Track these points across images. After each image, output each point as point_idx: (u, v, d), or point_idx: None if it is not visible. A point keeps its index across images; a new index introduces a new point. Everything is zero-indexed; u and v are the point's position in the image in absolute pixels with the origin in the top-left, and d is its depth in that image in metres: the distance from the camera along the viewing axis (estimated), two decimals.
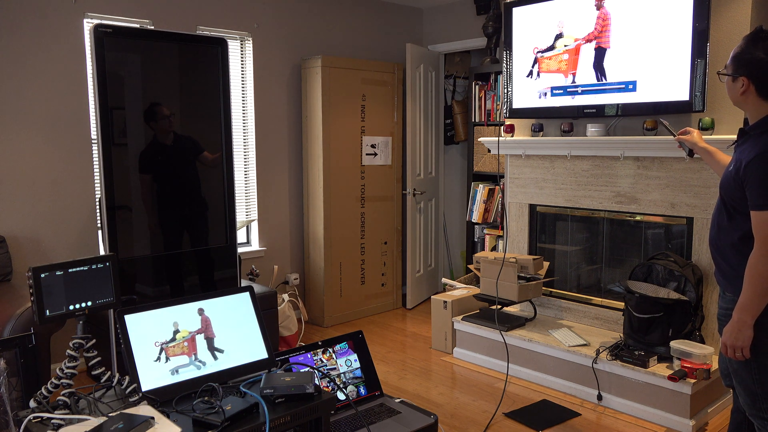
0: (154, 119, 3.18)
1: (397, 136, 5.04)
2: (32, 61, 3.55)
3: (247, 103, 4.54)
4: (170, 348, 1.93)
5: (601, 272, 3.88)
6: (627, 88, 3.39)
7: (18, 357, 2.16)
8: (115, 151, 3.07)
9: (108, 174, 3.05)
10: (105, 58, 2.98)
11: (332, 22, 4.95)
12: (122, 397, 1.83)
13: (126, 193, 3.13)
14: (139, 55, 3.11)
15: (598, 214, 3.80)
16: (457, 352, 4.05)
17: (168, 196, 3.28)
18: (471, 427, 3.10)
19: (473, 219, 4.85)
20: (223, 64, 3.39)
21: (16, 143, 3.53)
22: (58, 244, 3.71)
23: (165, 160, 3.26)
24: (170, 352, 1.93)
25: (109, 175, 3.05)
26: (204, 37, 3.45)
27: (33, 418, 1.70)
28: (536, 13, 3.73)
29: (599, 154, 3.63)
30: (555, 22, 3.65)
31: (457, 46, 5.35)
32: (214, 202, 3.45)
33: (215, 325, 2.04)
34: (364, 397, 2.75)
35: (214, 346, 2.01)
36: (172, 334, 1.95)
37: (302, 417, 1.85)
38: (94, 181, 3.81)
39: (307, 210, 4.79)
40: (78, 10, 3.68)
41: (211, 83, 3.37)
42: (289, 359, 2.54)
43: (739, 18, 3.09)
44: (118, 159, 3.09)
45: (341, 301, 4.84)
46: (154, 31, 3.27)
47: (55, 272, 1.74)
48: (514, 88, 3.90)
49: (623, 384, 3.22)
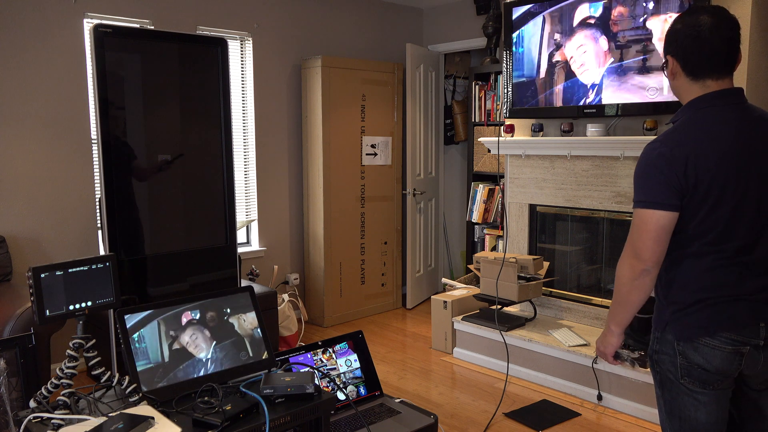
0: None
1: (397, 136, 5.04)
2: (32, 61, 3.55)
3: (247, 103, 4.54)
4: (170, 348, 1.93)
5: (601, 272, 3.88)
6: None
7: (18, 357, 2.16)
8: (115, 151, 3.07)
9: (108, 174, 3.05)
10: (105, 58, 2.98)
11: (332, 22, 4.95)
12: (122, 397, 1.83)
13: (126, 193, 3.13)
14: (139, 55, 3.11)
15: (598, 214, 3.80)
16: (457, 352, 4.05)
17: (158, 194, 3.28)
18: (471, 427, 3.10)
19: (473, 219, 4.85)
20: (223, 64, 3.39)
21: (17, 143, 3.53)
22: (58, 244, 3.71)
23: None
24: (170, 352, 1.93)
25: (109, 175, 3.05)
26: (204, 37, 3.44)
27: (33, 418, 1.70)
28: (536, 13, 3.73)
29: (599, 154, 3.63)
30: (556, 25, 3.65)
31: (457, 46, 5.35)
32: (214, 202, 3.45)
33: (215, 325, 2.04)
34: (364, 397, 2.75)
35: (214, 346, 2.01)
36: (172, 334, 1.95)
37: (302, 417, 1.85)
38: (94, 181, 3.81)
39: (307, 210, 4.79)
40: (78, 10, 3.68)
41: (211, 83, 3.37)
42: (289, 359, 2.54)
43: (738, 18, 3.08)
44: (119, 159, 3.08)
45: (341, 301, 4.84)
46: (154, 31, 3.27)
47: (55, 272, 1.74)
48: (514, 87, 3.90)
49: (623, 384, 3.22)
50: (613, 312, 1.76)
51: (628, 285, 1.68)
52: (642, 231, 1.63)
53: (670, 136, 1.64)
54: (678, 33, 1.67)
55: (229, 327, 2.07)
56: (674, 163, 1.59)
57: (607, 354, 1.83)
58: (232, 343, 2.04)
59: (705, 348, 1.64)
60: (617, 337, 1.79)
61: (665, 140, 1.63)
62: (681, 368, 1.68)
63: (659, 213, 1.61)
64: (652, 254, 1.62)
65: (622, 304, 1.71)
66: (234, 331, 2.07)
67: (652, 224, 1.61)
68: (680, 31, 1.67)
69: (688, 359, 1.66)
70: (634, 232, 1.66)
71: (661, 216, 1.61)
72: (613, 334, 1.79)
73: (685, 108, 1.69)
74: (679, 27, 1.67)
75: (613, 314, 1.76)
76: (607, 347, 1.82)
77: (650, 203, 1.61)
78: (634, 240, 1.65)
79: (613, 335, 1.79)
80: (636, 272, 1.65)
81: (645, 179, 1.63)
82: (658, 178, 1.60)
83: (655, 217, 1.61)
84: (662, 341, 1.72)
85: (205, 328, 2.02)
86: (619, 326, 1.77)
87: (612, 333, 1.79)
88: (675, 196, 1.60)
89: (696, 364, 1.66)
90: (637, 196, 1.65)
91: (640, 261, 1.64)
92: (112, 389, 1.88)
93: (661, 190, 1.60)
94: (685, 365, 1.67)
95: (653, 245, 1.62)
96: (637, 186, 1.66)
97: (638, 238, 1.64)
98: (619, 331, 1.78)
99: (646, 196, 1.63)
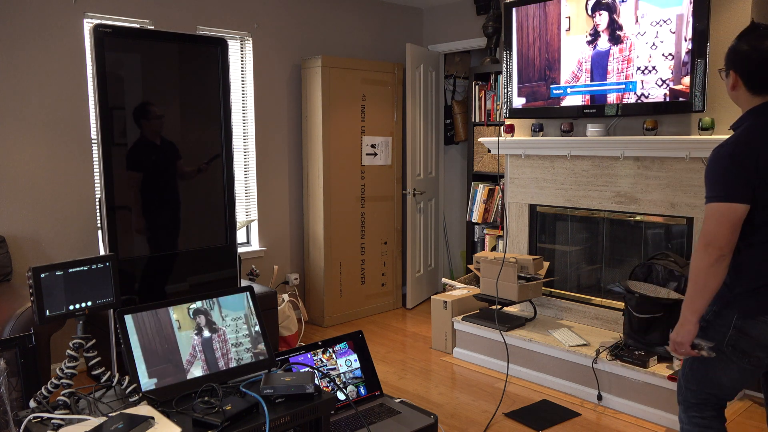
0: (145, 118, 3.16)
1: (397, 136, 5.04)
2: (32, 61, 3.55)
3: (247, 103, 4.54)
4: (170, 348, 1.93)
5: (601, 272, 3.88)
6: (627, 88, 3.39)
7: (18, 357, 2.16)
8: (115, 151, 3.07)
9: (108, 174, 3.05)
10: (105, 58, 2.98)
11: (332, 22, 4.95)
12: (122, 397, 1.83)
13: (126, 193, 3.13)
14: (139, 55, 3.11)
15: (598, 214, 3.80)
16: (457, 352, 4.05)
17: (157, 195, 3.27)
18: (471, 427, 3.10)
19: (473, 219, 4.85)
20: (223, 64, 3.39)
21: (16, 143, 3.53)
22: (58, 244, 3.71)
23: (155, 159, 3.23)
24: (170, 352, 1.93)
25: (109, 175, 3.05)
26: (204, 37, 3.44)
27: (33, 418, 1.70)
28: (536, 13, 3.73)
29: (599, 154, 3.63)
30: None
31: (457, 46, 5.35)
32: (214, 202, 3.45)
33: (215, 325, 2.04)
34: (364, 397, 2.75)
35: (215, 346, 2.01)
36: (172, 334, 1.95)
37: (302, 417, 1.85)
38: (94, 181, 3.81)
39: (307, 210, 4.79)
40: (78, 10, 3.68)
41: (211, 83, 3.37)
42: (289, 359, 2.54)
43: (739, 18, 3.09)
44: (118, 159, 3.09)
45: (341, 301, 4.84)
46: (154, 31, 3.27)
47: (55, 272, 1.74)
48: (514, 87, 3.90)
49: (623, 384, 3.22)
50: (690, 301, 1.91)
51: (705, 272, 1.86)
52: (720, 222, 1.84)
53: (739, 138, 1.87)
54: (744, 53, 1.91)
55: (229, 327, 2.07)
56: (746, 160, 1.83)
57: (685, 343, 1.94)
58: (233, 343, 2.04)
59: (764, 325, 1.89)
60: (694, 325, 1.92)
61: (736, 142, 1.87)
62: (729, 338, 1.93)
63: (735, 206, 1.83)
64: (728, 243, 1.84)
65: (701, 291, 1.88)
66: (234, 331, 2.07)
67: (729, 216, 1.83)
68: (746, 52, 1.90)
69: (744, 332, 1.91)
70: (711, 224, 1.85)
71: (738, 208, 1.83)
72: (690, 323, 1.92)
73: (747, 115, 1.94)
74: (745, 48, 1.90)
75: (691, 303, 1.91)
76: (685, 336, 1.93)
77: (727, 197, 1.83)
78: (711, 231, 1.85)
79: (691, 324, 1.92)
80: (713, 260, 1.85)
81: (720, 176, 1.85)
82: (734, 174, 1.83)
83: (732, 210, 1.83)
84: (719, 314, 1.95)
85: (205, 328, 2.02)
86: (695, 314, 1.91)
87: (690, 322, 1.92)
88: (749, 190, 1.83)
89: (751, 336, 1.90)
90: (713, 191, 1.86)
91: (717, 249, 1.84)
92: (112, 389, 1.88)
93: (737, 185, 1.83)
94: (734, 336, 1.92)
95: (729, 235, 1.84)
96: (711, 183, 1.87)
97: (716, 229, 1.84)
98: (696, 319, 1.92)
99: (723, 191, 1.84)
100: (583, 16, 3.53)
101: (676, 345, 1.96)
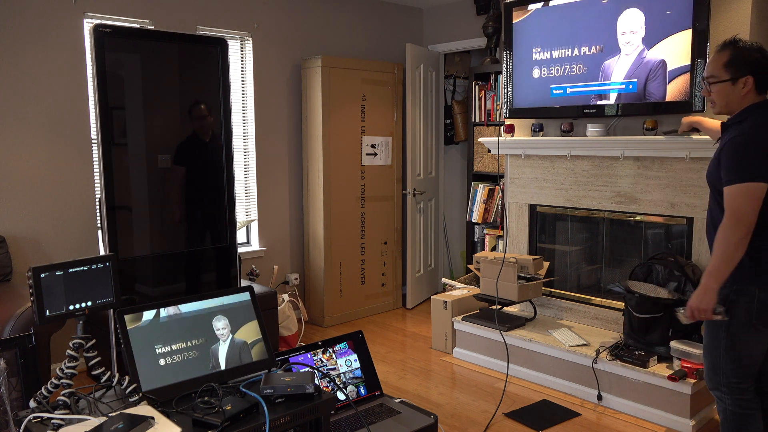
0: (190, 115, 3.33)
1: (397, 136, 5.04)
2: (32, 61, 3.55)
3: (247, 103, 4.54)
4: (170, 348, 1.93)
5: (601, 272, 3.88)
6: (627, 88, 3.39)
7: (18, 357, 2.16)
8: (115, 151, 3.07)
9: (108, 174, 3.05)
10: (105, 58, 2.98)
11: (332, 22, 4.95)
12: (122, 397, 1.83)
13: (126, 193, 3.13)
14: (139, 55, 3.11)
15: (598, 214, 3.80)
16: (457, 352, 4.05)
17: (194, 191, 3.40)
18: (471, 427, 3.10)
19: (473, 219, 4.86)
20: (223, 64, 3.39)
21: (16, 143, 3.53)
22: (58, 244, 3.71)
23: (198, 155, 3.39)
24: (170, 352, 1.93)
25: (109, 175, 3.05)
26: (204, 37, 3.45)
27: (33, 418, 1.70)
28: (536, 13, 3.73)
29: (599, 154, 3.63)
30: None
31: (457, 46, 5.35)
32: (215, 202, 3.45)
33: (215, 325, 2.04)
34: (364, 397, 2.75)
35: (214, 346, 2.01)
36: (172, 334, 1.95)
37: (302, 417, 1.85)
38: (94, 181, 3.81)
39: (307, 210, 4.79)
40: (78, 10, 3.68)
41: (211, 83, 3.37)
42: (289, 359, 2.54)
43: (738, 18, 3.09)
44: (118, 159, 3.09)
45: (341, 301, 4.84)
46: (154, 31, 3.27)
47: (55, 272, 1.74)
48: (514, 87, 3.90)
49: (623, 384, 3.22)
50: (716, 271, 2.09)
51: (735, 246, 2.06)
52: (746, 200, 2.05)
53: (753, 126, 2.10)
54: (759, 61, 2.17)
55: (229, 327, 2.07)
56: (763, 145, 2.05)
57: (708, 309, 2.12)
58: (232, 343, 2.04)
59: None
60: (716, 293, 2.12)
61: (751, 129, 2.09)
62: (756, 312, 2.13)
63: (760, 185, 2.04)
64: (754, 219, 2.05)
65: (728, 262, 2.08)
66: (234, 331, 2.07)
67: (754, 194, 2.04)
68: (761, 59, 2.17)
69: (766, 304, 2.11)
70: (738, 202, 2.05)
71: (761, 187, 2.04)
72: (714, 291, 2.11)
73: (751, 109, 2.17)
74: (758, 56, 2.16)
75: (717, 273, 2.10)
76: (709, 303, 2.12)
77: (752, 176, 2.04)
78: (738, 209, 2.05)
79: (714, 292, 2.11)
80: (743, 234, 2.05)
81: (743, 158, 2.06)
82: (755, 156, 2.05)
83: (757, 188, 2.04)
84: (740, 292, 2.14)
85: (205, 328, 2.02)
86: (719, 283, 2.10)
87: (713, 290, 2.11)
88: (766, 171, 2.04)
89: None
90: (737, 174, 2.06)
91: (745, 225, 2.05)
92: (112, 389, 1.88)
93: (758, 166, 2.04)
94: (759, 308, 2.12)
95: (753, 212, 2.05)
96: (733, 166, 2.07)
97: (744, 206, 2.05)
98: (718, 287, 2.11)
99: (747, 173, 2.04)
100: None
101: (699, 311, 2.13)
